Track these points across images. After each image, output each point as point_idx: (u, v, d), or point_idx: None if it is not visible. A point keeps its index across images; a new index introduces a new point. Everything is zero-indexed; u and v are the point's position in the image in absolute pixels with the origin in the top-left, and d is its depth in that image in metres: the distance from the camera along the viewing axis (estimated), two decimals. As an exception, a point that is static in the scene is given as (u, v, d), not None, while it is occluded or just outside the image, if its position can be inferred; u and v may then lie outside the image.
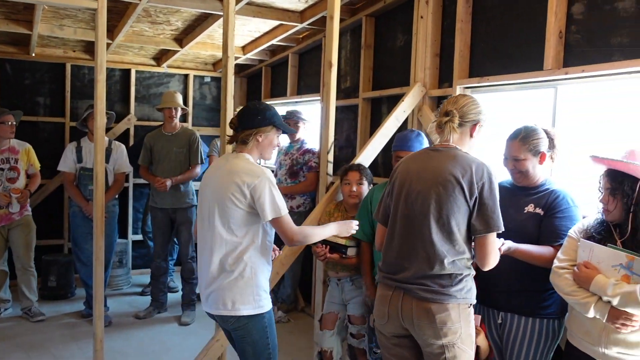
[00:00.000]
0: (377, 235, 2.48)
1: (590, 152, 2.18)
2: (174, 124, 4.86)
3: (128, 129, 6.18)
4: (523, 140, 2.43)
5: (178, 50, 5.49)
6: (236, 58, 5.84)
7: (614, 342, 2.04)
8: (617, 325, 1.99)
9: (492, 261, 2.15)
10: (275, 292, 5.10)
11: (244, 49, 5.75)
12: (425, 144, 2.98)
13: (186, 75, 6.51)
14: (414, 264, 2.15)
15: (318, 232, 2.57)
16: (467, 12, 3.40)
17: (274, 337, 2.47)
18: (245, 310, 2.37)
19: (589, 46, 2.71)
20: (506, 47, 3.20)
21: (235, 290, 2.36)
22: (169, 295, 5.25)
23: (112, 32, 4.88)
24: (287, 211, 2.38)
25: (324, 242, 3.06)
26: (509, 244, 2.35)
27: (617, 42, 2.58)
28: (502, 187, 2.66)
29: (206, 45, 5.55)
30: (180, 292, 5.04)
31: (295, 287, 5.08)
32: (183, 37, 5.28)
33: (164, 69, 6.29)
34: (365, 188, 3.20)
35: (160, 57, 6.17)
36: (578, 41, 2.77)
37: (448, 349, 2.12)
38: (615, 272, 2.01)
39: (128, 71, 6.18)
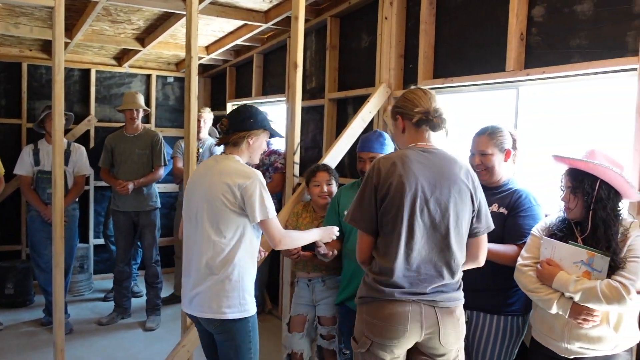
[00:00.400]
0: (362, 246, 2.19)
1: (551, 152, 2.23)
2: (136, 126, 4.77)
3: (88, 131, 6.02)
4: (490, 136, 2.50)
5: (140, 50, 5.37)
6: (200, 58, 5.76)
7: (577, 337, 2.10)
8: (579, 321, 2.04)
9: (486, 256, 2.19)
10: (242, 295, 5.05)
11: (208, 49, 5.68)
12: (388, 144, 2.99)
13: (148, 76, 6.39)
14: (437, 275, 2.05)
15: (304, 237, 2.59)
16: (431, 14, 3.44)
17: (257, 342, 2.47)
18: (231, 314, 2.36)
19: (550, 48, 2.77)
20: (469, 48, 3.24)
21: (221, 293, 2.35)
22: (133, 300, 5.14)
23: (70, 30, 4.74)
24: (276, 214, 2.40)
25: None
26: None
27: (576, 44, 2.65)
28: None
29: (169, 44, 5.46)
30: (145, 297, 4.94)
31: (262, 289, 5.04)
32: (145, 36, 5.17)
33: (125, 69, 6.16)
34: (334, 188, 3.20)
35: (122, 56, 6.04)
36: (539, 43, 2.83)
37: (460, 350, 2.13)
38: (576, 269, 2.06)
39: (88, 71, 6.03)
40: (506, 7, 2.91)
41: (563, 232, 2.19)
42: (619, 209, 2.09)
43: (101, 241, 5.99)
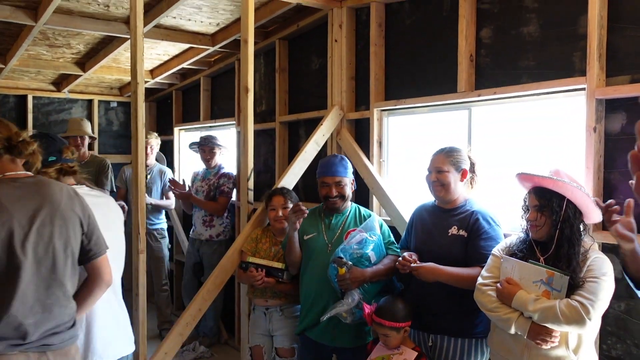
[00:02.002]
0: None
1: (516, 171, 2.22)
2: (82, 153, 4.54)
3: (26, 160, 5.71)
4: (447, 154, 2.52)
5: (80, 75, 5.17)
6: (145, 82, 5.59)
7: (536, 359, 2.07)
8: (538, 341, 2.01)
9: (113, 275, 2.06)
10: (196, 327, 4.86)
11: (153, 72, 5.52)
12: (350, 168, 2.95)
13: (90, 101, 6.16)
14: (47, 315, 1.86)
15: None
16: (380, 36, 3.45)
17: None
18: None
19: (499, 69, 2.82)
20: (421, 70, 3.26)
21: None
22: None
23: (4, 55, 4.52)
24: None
25: (259, 266, 2.94)
26: (430, 265, 2.38)
27: (524, 65, 2.70)
28: (424, 209, 2.69)
29: (111, 69, 5.28)
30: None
31: (217, 319, 4.86)
32: (86, 60, 4.98)
33: (65, 94, 5.91)
34: None
35: (61, 81, 5.80)
36: (488, 64, 2.87)
37: None
38: (536, 288, 2.05)
39: (24, 97, 5.75)
40: (455, 28, 2.95)
41: (524, 252, 2.18)
42: (582, 229, 2.10)
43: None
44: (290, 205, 3.10)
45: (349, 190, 2.89)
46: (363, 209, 2.98)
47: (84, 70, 5.08)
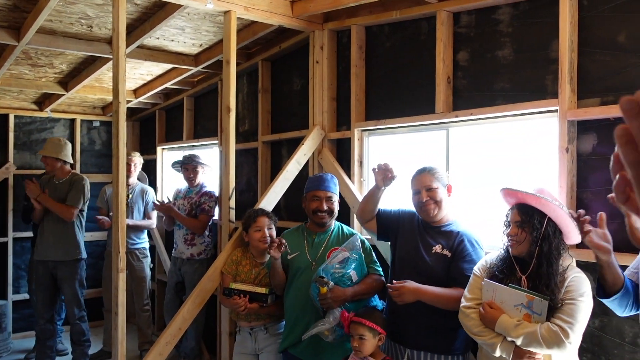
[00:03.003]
0: None
1: (488, 190, 2.26)
2: (61, 171, 4.49)
3: (7, 179, 5.66)
4: (431, 172, 2.56)
5: (63, 94, 5.17)
6: (128, 102, 5.60)
7: None
8: None
9: None
10: (177, 347, 4.81)
11: (136, 92, 5.54)
12: (338, 187, 2.98)
13: (72, 120, 6.14)
14: None
15: None
16: (361, 58, 3.52)
17: None
18: None
19: (476, 91, 2.89)
20: (400, 91, 3.33)
21: None
22: (58, 359, 4.78)
23: (-14, 75, 4.50)
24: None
25: (242, 292, 2.94)
26: (412, 285, 2.39)
27: (500, 87, 2.77)
28: (416, 218, 2.69)
29: (94, 88, 5.29)
30: (71, 356, 4.60)
31: (199, 339, 4.82)
32: (68, 80, 4.98)
33: (47, 113, 5.89)
34: (274, 232, 3.13)
35: (43, 101, 5.78)
36: (465, 86, 2.94)
37: None
38: (517, 312, 2.08)
39: (6, 116, 5.72)
40: (433, 51, 3.02)
41: (504, 273, 2.20)
42: (561, 247, 2.13)
43: (21, 297, 5.58)
44: (274, 227, 3.12)
45: (336, 207, 2.92)
46: (346, 227, 3.01)
47: (66, 90, 5.08)
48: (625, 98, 0.59)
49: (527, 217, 2.12)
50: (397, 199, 2.96)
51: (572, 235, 2.12)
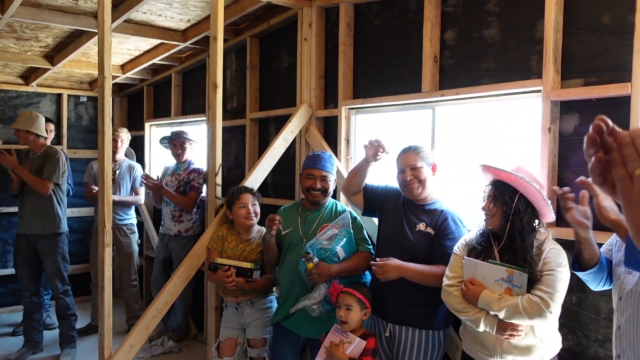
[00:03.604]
0: None
1: (480, 162, 2.29)
2: (35, 145, 4.38)
3: (-8, 153, 5.61)
4: (416, 151, 2.58)
5: (49, 69, 5.11)
6: (115, 77, 5.56)
7: (508, 351, 2.17)
8: (506, 336, 2.12)
9: None
10: (165, 321, 4.86)
11: (123, 67, 5.49)
12: (335, 167, 3.00)
13: (59, 95, 6.08)
14: None
15: None
16: (349, 36, 3.51)
17: None
18: None
19: (462, 70, 2.90)
20: (388, 69, 3.33)
21: None
22: (46, 333, 4.80)
23: (-30, 48, 4.44)
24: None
25: (227, 267, 2.97)
26: (395, 262, 2.44)
27: (485, 67, 2.78)
28: (401, 196, 2.72)
29: (81, 63, 5.23)
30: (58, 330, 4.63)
31: (186, 314, 4.87)
32: (55, 54, 4.92)
33: (33, 88, 5.82)
34: (258, 208, 3.16)
35: (29, 75, 5.71)
36: (452, 65, 2.95)
37: None
38: (498, 286, 2.14)
39: (-9, 90, 5.65)
40: (420, 30, 3.02)
41: (482, 245, 2.26)
42: (534, 223, 2.18)
43: (8, 271, 5.58)
44: (258, 203, 3.15)
45: (332, 186, 2.95)
46: (340, 205, 3.04)
47: (52, 64, 5.02)
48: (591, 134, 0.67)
49: (499, 193, 2.18)
50: (384, 176, 2.98)
51: (545, 213, 2.18)
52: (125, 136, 5.05)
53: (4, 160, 4.17)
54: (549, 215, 2.18)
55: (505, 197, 2.16)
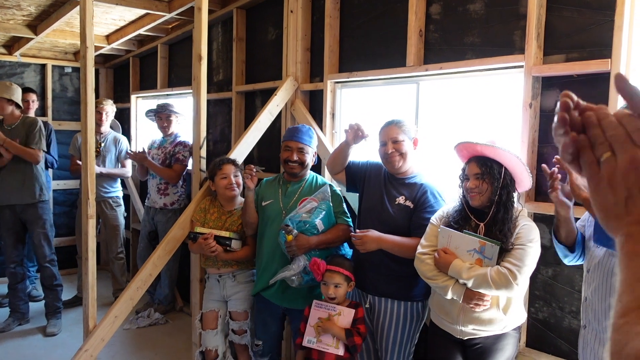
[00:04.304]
0: None
1: (454, 141, 2.31)
2: (12, 116, 4.35)
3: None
4: (398, 125, 2.59)
5: (32, 38, 5.03)
6: (99, 48, 5.48)
7: (470, 321, 2.23)
8: (471, 305, 2.17)
9: None
10: (151, 293, 4.90)
11: (108, 38, 5.41)
12: (315, 140, 3.01)
13: (43, 65, 5.99)
14: None
15: None
16: (335, 9, 3.48)
17: None
18: None
19: (446, 45, 2.90)
20: (373, 43, 3.31)
21: None
22: (32, 304, 4.83)
23: (-50, 16, 4.35)
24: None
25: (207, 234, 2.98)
26: (374, 234, 2.47)
27: (469, 42, 2.78)
28: (382, 170, 2.74)
29: (65, 33, 5.15)
30: (44, 301, 4.65)
31: (172, 287, 4.91)
32: (38, 23, 4.84)
33: (16, 57, 5.74)
34: (241, 179, 3.16)
35: (12, 44, 5.62)
36: (437, 40, 2.95)
37: None
38: (470, 257, 2.18)
39: (-27, 59, 5.56)
40: (405, 4, 3.01)
41: (459, 223, 2.29)
42: (513, 195, 2.23)
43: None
44: (240, 174, 3.15)
45: (309, 159, 2.95)
46: (320, 178, 3.05)
47: (35, 34, 4.94)
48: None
49: (487, 169, 2.20)
50: (368, 151, 3.00)
51: (525, 181, 2.22)
52: (109, 108, 5.00)
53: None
54: (528, 183, 2.23)
55: (495, 172, 2.19)
